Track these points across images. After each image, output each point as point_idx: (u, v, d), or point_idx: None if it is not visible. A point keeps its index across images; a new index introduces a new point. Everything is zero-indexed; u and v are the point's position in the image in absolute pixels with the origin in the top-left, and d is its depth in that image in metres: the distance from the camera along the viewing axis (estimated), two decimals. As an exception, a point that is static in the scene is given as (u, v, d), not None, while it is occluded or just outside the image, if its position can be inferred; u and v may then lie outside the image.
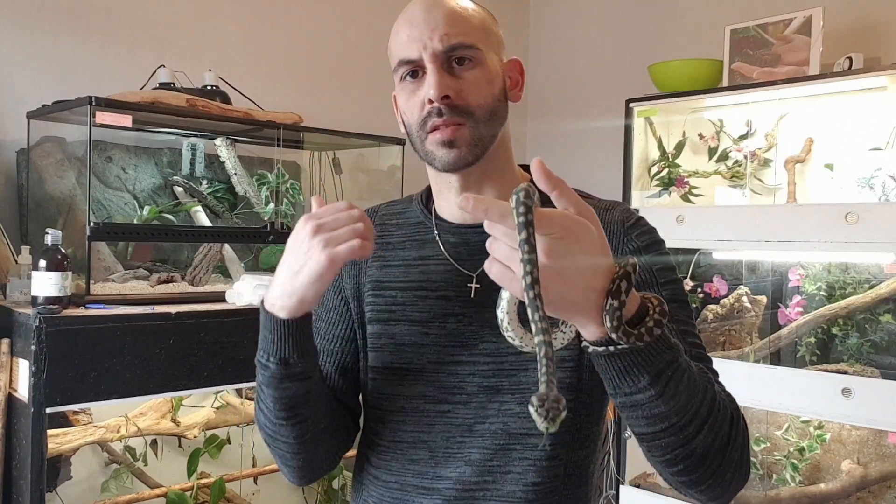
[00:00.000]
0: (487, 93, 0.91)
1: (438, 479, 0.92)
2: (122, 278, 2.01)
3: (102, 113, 1.86)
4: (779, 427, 2.31)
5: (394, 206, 1.06)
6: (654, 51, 2.92)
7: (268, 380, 0.85)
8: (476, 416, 0.91)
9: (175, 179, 2.30)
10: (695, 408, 0.74)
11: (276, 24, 2.68)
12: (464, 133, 0.89)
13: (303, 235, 0.80)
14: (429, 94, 0.88)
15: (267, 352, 0.84)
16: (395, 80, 0.94)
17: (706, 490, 0.80)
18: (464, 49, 0.89)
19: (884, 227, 1.94)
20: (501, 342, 0.86)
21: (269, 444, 0.92)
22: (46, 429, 1.69)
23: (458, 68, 0.90)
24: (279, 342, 0.83)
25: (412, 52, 0.90)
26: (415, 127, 0.92)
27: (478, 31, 0.92)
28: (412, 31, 0.90)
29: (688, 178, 2.53)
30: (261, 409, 0.90)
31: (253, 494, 2.43)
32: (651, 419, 0.73)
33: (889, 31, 2.40)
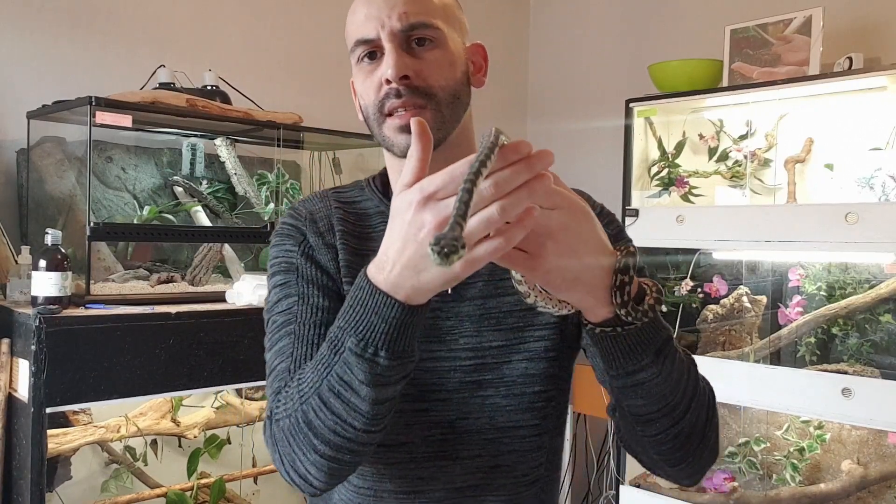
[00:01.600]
0: (449, 74, 0.87)
1: (421, 480, 0.88)
2: (122, 278, 2.01)
3: (102, 113, 1.86)
4: (779, 427, 2.31)
5: (343, 193, 0.98)
6: (654, 51, 2.92)
7: (373, 378, 0.69)
8: (458, 413, 0.88)
9: (175, 179, 2.30)
10: (684, 386, 0.77)
11: (276, 24, 2.68)
12: (425, 116, 0.84)
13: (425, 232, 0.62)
14: (386, 73, 0.83)
15: (375, 343, 0.68)
16: (353, 63, 0.89)
17: (685, 468, 0.83)
18: (424, 28, 0.85)
19: (884, 227, 1.94)
20: (483, 336, 0.88)
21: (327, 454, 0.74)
22: (46, 429, 1.69)
23: (417, 48, 0.85)
24: (396, 332, 0.67)
25: (369, 32, 0.85)
26: (371, 109, 0.87)
27: (438, 10, 0.87)
28: (369, 10, 0.85)
29: (688, 178, 2.53)
30: (335, 414, 0.72)
31: (253, 494, 2.43)
32: (650, 399, 0.75)
33: (889, 31, 2.40)
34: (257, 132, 2.33)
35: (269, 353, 0.87)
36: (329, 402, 0.72)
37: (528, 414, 0.90)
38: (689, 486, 0.85)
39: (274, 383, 0.83)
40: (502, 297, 0.90)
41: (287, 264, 0.90)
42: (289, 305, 0.87)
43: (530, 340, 0.90)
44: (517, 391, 0.89)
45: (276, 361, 0.84)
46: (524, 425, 0.90)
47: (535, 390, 0.90)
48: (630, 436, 0.83)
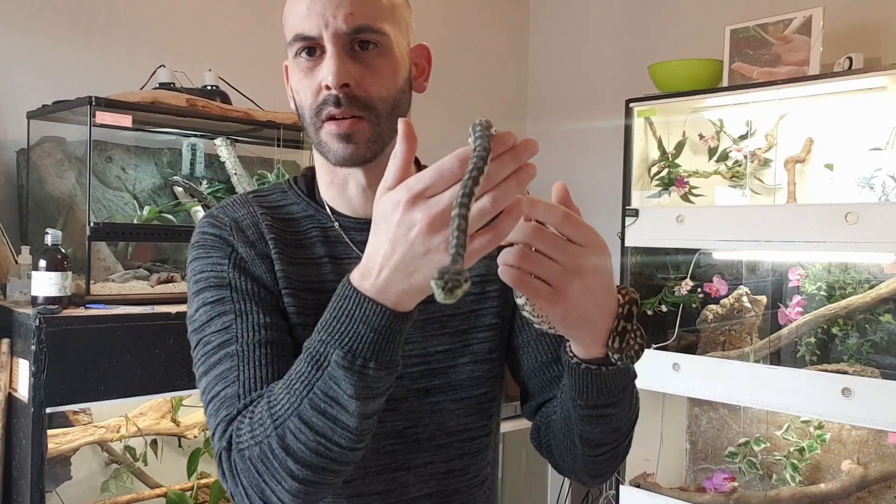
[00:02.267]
0: (391, 84, 0.83)
1: (375, 495, 0.85)
2: (122, 278, 2.01)
3: (102, 113, 1.86)
4: (779, 427, 2.31)
5: (265, 197, 0.92)
6: (654, 51, 2.92)
7: (361, 391, 0.65)
8: (407, 421, 0.86)
9: (175, 179, 2.30)
10: (634, 415, 0.81)
11: (276, 24, 2.67)
12: (363, 127, 0.81)
13: (416, 231, 0.60)
14: (327, 79, 0.80)
15: (364, 355, 0.65)
16: (289, 55, 0.86)
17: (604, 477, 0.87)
18: (370, 32, 0.81)
19: (884, 227, 1.94)
20: (428, 342, 0.87)
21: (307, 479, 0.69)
22: (46, 429, 1.69)
23: (360, 52, 0.81)
24: (385, 341, 0.65)
25: (311, 29, 0.81)
26: (308, 112, 0.83)
27: (386, 12, 0.83)
28: (313, 4, 0.81)
29: (688, 178, 2.53)
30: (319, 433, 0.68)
31: (253, 494, 2.43)
32: (608, 428, 0.78)
33: (889, 31, 2.40)
34: (257, 132, 2.33)
35: (207, 378, 0.80)
36: (311, 422, 0.68)
37: (476, 416, 0.90)
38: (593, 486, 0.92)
39: (220, 411, 0.76)
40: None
41: (217, 279, 0.83)
42: (225, 325, 0.80)
43: (474, 343, 0.89)
44: (465, 394, 0.89)
45: (219, 387, 0.78)
46: (473, 427, 0.90)
47: (481, 392, 0.90)
48: (564, 449, 0.85)
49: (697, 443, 2.54)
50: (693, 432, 2.56)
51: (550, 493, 2.94)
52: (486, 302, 0.90)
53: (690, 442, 2.56)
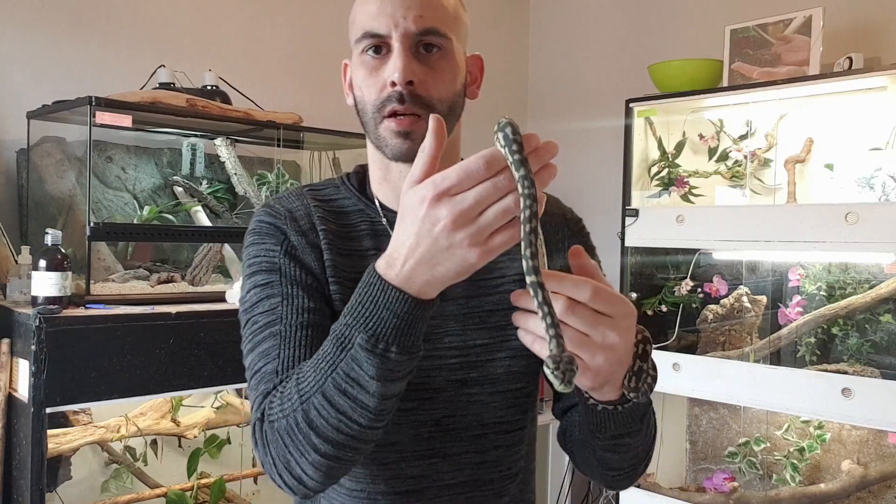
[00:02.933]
0: (451, 86, 0.87)
1: (412, 479, 0.89)
2: (122, 278, 2.01)
3: (102, 113, 1.86)
4: (779, 427, 2.31)
5: (319, 191, 0.97)
6: (654, 51, 2.92)
7: (384, 373, 0.69)
8: (444, 411, 0.89)
9: (175, 179, 2.30)
10: (651, 439, 0.85)
11: (276, 24, 2.68)
12: (421, 125, 0.84)
13: (440, 226, 0.63)
14: (393, 76, 0.83)
15: (386, 339, 0.68)
16: (354, 52, 0.88)
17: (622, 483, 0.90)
18: (436, 36, 0.85)
19: (884, 227, 1.94)
20: (467, 335, 0.90)
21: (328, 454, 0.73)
22: (46, 429, 1.69)
23: (425, 54, 0.85)
24: (407, 327, 0.68)
25: (381, 27, 0.84)
26: (370, 107, 0.87)
27: (450, 18, 0.87)
28: (384, 5, 0.84)
29: (688, 178, 2.53)
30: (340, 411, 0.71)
31: (253, 494, 2.43)
32: (627, 455, 0.82)
33: (889, 31, 2.40)
34: (257, 132, 2.33)
35: (252, 355, 0.85)
36: (334, 400, 0.71)
37: (512, 410, 0.93)
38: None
39: (260, 385, 0.81)
40: (485, 297, 0.91)
41: (269, 264, 0.88)
42: (272, 306, 0.86)
43: (513, 339, 0.89)
44: (501, 388, 0.91)
45: (261, 363, 0.83)
46: (508, 420, 0.92)
47: (517, 387, 0.93)
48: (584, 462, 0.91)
49: (697, 443, 2.54)
50: (693, 432, 2.56)
51: (550, 492, 2.94)
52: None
53: (690, 442, 2.56)
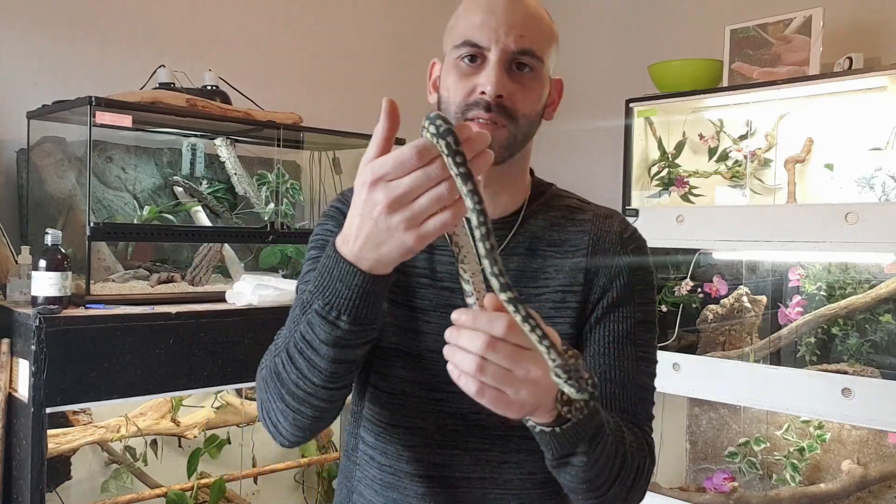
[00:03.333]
0: (535, 105, 0.92)
1: (434, 466, 0.92)
2: (122, 278, 2.01)
3: (102, 113, 1.86)
4: (779, 427, 2.31)
5: None
6: (654, 51, 2.91)
7: (334, 339, 0.74)
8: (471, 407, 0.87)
9: (175, 179, 2.30)
10: (610, 466, 0.81)
11: (276, 24, 2.68)
12: (501, 134, 0.89)
13: (378, 210, 0.67)
14: (486, 87, 0.87)
15: (338, 308, 0.73)
16: (449, 56, 0.92)
17: None
18: (531, 57, 0.90)
19: (884, 227, 1.94)
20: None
21: (289, 402, 0.81)
22: (46, 429, 1.69)
23: (516, 72, 0.90)
24: (358, 299, 0.72)
25: (482, 39, 0.88)
26: (454, 108, 0.90)
27: (547, 44, 0.92)
28: (489, 18, 0.89)
29: (688, 178, 2.53)
30: (299, 368, 0.78)
31: (253, 494, 2.43)
32: (578, 479, 0.80)
33: (889, 31, 2.40)
34: (257, 132, 2.33)
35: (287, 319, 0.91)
36: (294, 357, 0.78)
37: None
38: None
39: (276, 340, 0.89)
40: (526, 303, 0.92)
41: (322, 242, 0.96)
42: (308, 274, 0.93)
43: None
44: None
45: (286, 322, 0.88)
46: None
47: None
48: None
49: (697, 443, 2.54)
50: (693, 432, 2.56)
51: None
52: (565, 311, 0.93)
53: (690, 442, 2.56)
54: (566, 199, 1.01)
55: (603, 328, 0.93)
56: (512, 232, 0.95)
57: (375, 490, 0.95)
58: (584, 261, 0.94)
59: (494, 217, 0.96)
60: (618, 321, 0.93)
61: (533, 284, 0.94)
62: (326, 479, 2.58)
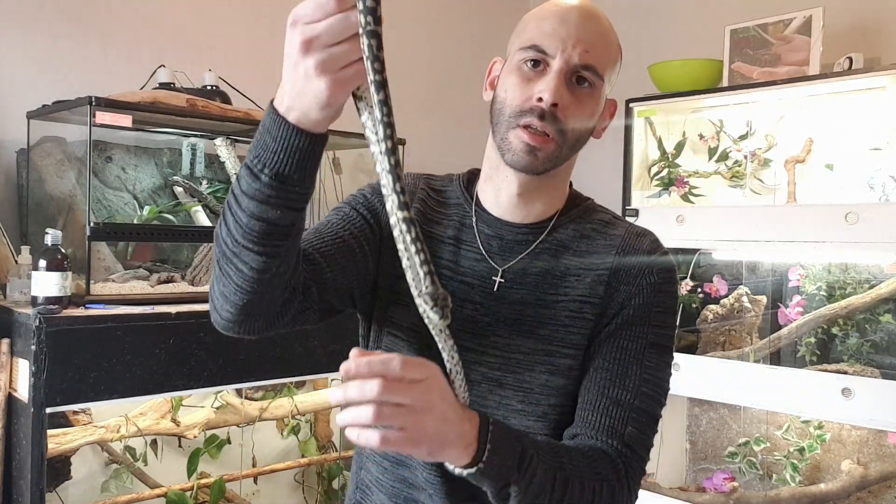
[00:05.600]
0: (587, 121, 0.93)
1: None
2: (122, 278, 2.01)
3: (102, 113, 1.86)
4: (779, 427, 2.31)
5: (434, 181, 1.06)
6: (654, 51, 2.91)
7: (253, 192, 0.72)
8: (476, 403, 0.91)
9: (175, 179, 2.30)
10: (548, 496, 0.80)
11: (276, 24, 2.67)
12: (549, 146, 0.90)
13: (295, 51, 0.67)
14: (544, 94, 0.88)
15: (263, 160, 0.71)
16: (513, 56, 0.94)
17: None
18: (592, 73, 0.91)
19: (884, 227, 1.94)
20: (513, 339, 0.93)
21: (221, 264, 0.79)
22: (46, 429, 1.69)
23: (576, 85, 0.91)
24: (283, 153, 0.70)
25: (550, 46, 0.90)
26: (509, 110, 0.91)
27: (609, 63, 0.94)
28: (559, 28, 0.90)
29: (688, 178, 2.53)
30: (227, 222, 0.76)
31: (253, 494, 2.43)
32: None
33: (889, 31, 2.40)
34: (257, 132, 2.33)
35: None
36: (224, 213, 0.77)
37: (542, 422, 0.93)
38: None
39: None
40: (541, 309, 0.94)
41: (352, 199, 1.01)
42: (329, 218, 0.98)
43: (557, 355, 0.93)
44: (534, 400, 0.93)
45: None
46: (536, 432, 0.92)
47: (551, 402, 0.93)
48: None
49: (697, 443, 2.54)
50: (693, 432, 2.56)
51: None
52: (581, 322, 0.94)
53: (690, 442, 2.56)
54: (600, 214, 1.02)
55: (612, 343, 0.93)
56: (540, 238, 0.97)
57: (384, 467, 0.98)
58: (607, 274, 0.94)
59: (526, 221, 0.98)
60: (629, 339, 0.93)
61: (552, 291, 0.94)
62: (326, 479, 2.57)
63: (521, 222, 0.98)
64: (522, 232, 0.97)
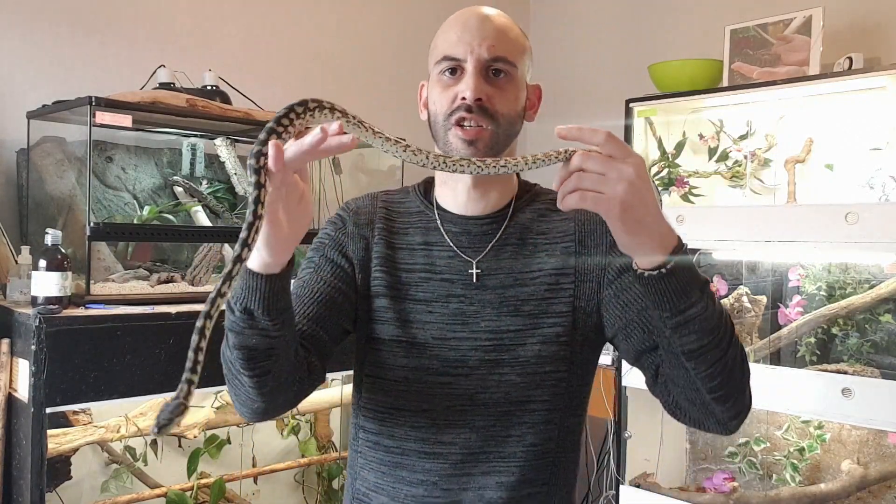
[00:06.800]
0: (513, 106, 1.02)
1: (441, 444, 1.01)
2: (122, 278, 2.01)
3: (102, 113, 1.86)
4: (779, 427, 2.31)
5: (392, 195, 1.14)
6: (654, 51, 2.92)
7: (231, 324, 0.86)
8: (477, 387, 1.00)
9: (175, 179, 2.30)
10: (725, 320, 0.87)
11: (276, 24, 2.68)
12: (485, 135, 0.98)
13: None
14: (465, 92, 0.98)
15: (236, 297, 0.85)
16: (433, 73, 1.04)
17: (732, 406, 0.90)
18: (504, 63, 1.00)
19: (884, 227, 1.94)
20: (501, 321, 1.02)
21: (228, 382, 0.93)
22: (46, 429, 1.69)
23: (493, 78, 1.00)
24: (247, 291, 0.84)
25: (458, 52, 1.00)
26: (441, 117, 1.00)
27: (518, 51, 1.03)
28: (463, 35, 1.00)
29: (688, 178, 2.53)
30: (225, 351, 0.90)
31: (253, 494, 2.43)
32: (702, 332, 0.84)
33: (889, 31, 2.40)
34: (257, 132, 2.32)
35: None
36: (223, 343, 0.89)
37: (539, 390, 1.01)
38: (733, 431, 0.95)
39: None
40: (521, 287, 1.02)
41: (320, 244, 1.08)
42: (304, 274, 1.05)
43: (544, 326, 1.01)
44: (530, 370, 1.00)
45: None
46: (535, 400, 1.01)
47: (546, 370, 1.01)
48: (682, 383, 0.91)
49: (697, 443, 2.54)
50: (693, 432, 2.56)
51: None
52: (559, 292, 1.02)
53: (690, 442, 2.56)
54: (550, 194, 1.09)
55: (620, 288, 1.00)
56: (503, 225, 1.05)
57: (382, 472, 1.04)
58: (574, 245, 1.04)
59: (486, 212, 1.06)
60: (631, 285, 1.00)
61: (526, 270, 1.03)
62: (326, 479, 2.57)
63: (483, 214, 1.05)
64: (486, 223, 1.05)
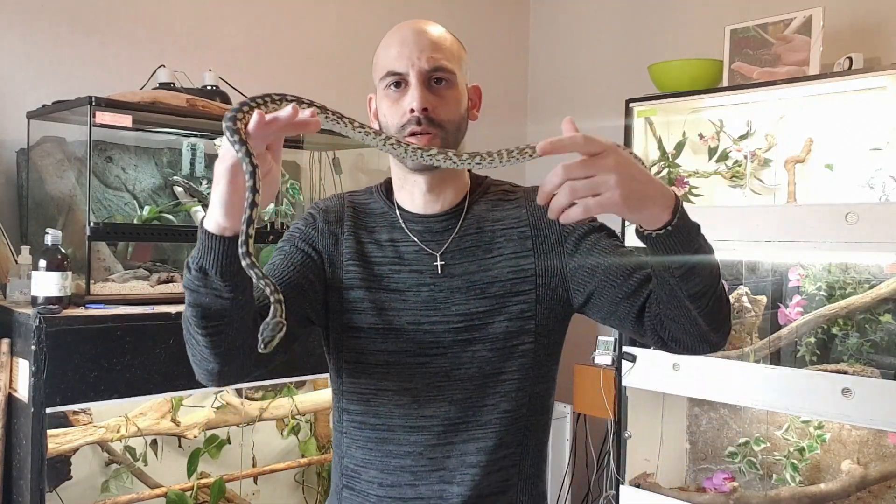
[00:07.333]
0: (456, 110, 1.09)
1: (424, 417, 1.09)
2: (122, 278, 2.01)
3: (102, 113, 1.86)
4: (779, 427, 2.31)
5: (357, 195, 1.20)
6: (654, 51, 2.92)
7: (186, 281, 0.90)
8: (452, 364, 1.09)
9: (175, 179, 2.30)
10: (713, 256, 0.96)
11: (277, 24, 2.68)
12: (435, 142, 1.05)
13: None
14: (412, 104, 1.04)
15: (193, 257, 0.89)
16: (379, 88, 1.10)
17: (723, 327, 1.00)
18: (443, 72, 1.07)
19: (884, 227, 1.94)
20: (470, 303, 1.10)
21: (187, 343, 0.96)
22: (46, 429, 1.69)
23: (435, 86, 1.07)
24: (203, 251, 0.87)
25: (401, 67, 1.06)
26: (394, 129, 1.07)
27: (455, 58, 1.10)
28: (402, 50, 1.07)
29: (688, 178, 2.53)
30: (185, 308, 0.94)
31: (253, 494, 2.44)
32: (704, 275, 0.93)
33: (889, 31, 2.40)
34: (257, 132, 2.32)
35: None
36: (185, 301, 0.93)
37: (509, 362, 1.10)
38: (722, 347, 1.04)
39: None
40: (485, 272, 1.11)
41: (290, 236, 1.14)
42: (274, 259, 1.11)
43: (510, 304, 1.10)
44: (500, 345, 1.09)
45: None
46: (506, 371, 1.09)
47: (514, 344, 1.10)
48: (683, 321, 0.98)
49: (697, 443, 2.55)
50: (693, 432, 2.56)
51: (550, 493, 2.94)
52: (523, 273, 1.11)
53: (690, 442, 2.56)
54: (500, 186, 1.19)
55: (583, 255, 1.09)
56: (461, 219, 1.13)
57: (370, 448, 1.11)
58: (529, 229, 1.12)
59: (444, 210, 1.13)
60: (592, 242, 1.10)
61: (488, 255, 1.11)
62: (326, 479, 2.58)
63: (440, 212, 1.13)
64: (445, 219, 1.13)
